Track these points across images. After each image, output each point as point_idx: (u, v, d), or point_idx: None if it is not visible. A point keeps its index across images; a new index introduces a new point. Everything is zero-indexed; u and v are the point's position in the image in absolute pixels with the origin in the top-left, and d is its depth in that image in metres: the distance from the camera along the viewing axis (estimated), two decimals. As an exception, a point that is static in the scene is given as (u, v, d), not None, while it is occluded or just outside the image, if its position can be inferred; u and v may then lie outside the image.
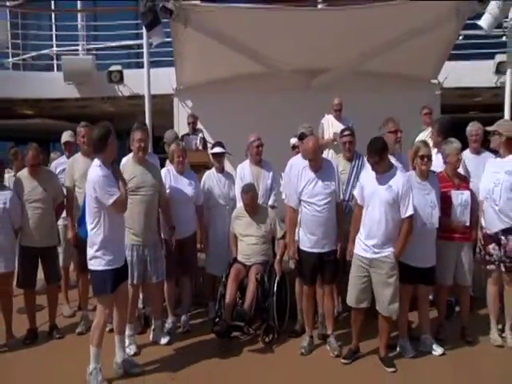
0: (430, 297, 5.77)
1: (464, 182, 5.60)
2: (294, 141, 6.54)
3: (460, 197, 5.40)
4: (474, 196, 5.55)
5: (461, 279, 5.55)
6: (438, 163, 5.61)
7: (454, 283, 5.58)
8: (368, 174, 5.16)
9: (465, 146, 5.98)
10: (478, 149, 6.26)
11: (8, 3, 14.38)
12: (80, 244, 5.75)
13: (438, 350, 5.32)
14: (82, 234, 4.96)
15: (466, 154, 6.04)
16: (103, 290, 4.71)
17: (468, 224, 5.36)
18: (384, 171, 5.00)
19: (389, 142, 5.31)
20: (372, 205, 4.99)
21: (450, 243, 5.45)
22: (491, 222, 5.55)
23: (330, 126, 7.46)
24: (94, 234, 4.70)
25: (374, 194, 4.97)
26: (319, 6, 10.14)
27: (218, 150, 6.41)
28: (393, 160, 5.31)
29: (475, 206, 5.52)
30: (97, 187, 4.59)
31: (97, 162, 4.72)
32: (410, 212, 4.91)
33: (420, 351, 5.32)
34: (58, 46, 12.67)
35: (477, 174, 5.85)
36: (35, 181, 5.77)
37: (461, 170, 5.74)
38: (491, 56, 10.65)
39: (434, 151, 5.89)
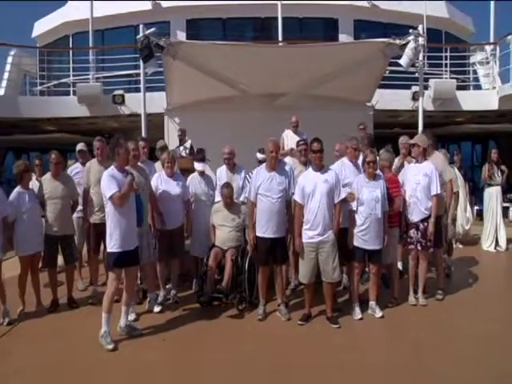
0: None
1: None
2: (260, 156, 6.35)
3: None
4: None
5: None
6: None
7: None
8: (306, 176, 5.14)
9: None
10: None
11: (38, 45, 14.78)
12: (93, 231, 5.79)
13: (379, 313, 5.25)
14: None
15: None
16: (110, 266, 4.73)
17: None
18: (321, 168, 5.04)
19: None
20: (314, 198, 4.93)
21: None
22: (413, 213, 5.60)
23: (289, 139, 7.28)
24: (107, 223, 4.68)
25: (315, 188, 4.93)
26: (280, 44, 10.04)
27: (199, 167, 6.15)
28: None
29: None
30: (102, 183, 4.65)
31: (111, 166, 4.74)
32: (341, 197, 5.01)
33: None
34: (73, 75, 12.39)
35: None
36: (56, 182, 5.65)
37: None
38: (409, 87, 10.79)
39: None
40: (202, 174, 6.17)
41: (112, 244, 4.62)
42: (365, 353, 4.48)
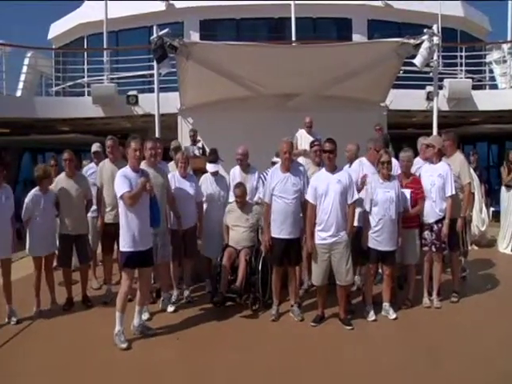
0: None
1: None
2: (275, 159, 6.34)
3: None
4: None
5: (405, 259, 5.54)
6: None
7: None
8: (318, 177, 5.09)
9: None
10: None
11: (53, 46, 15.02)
12: (106, 231, 5.81)
13: (392, 315, 5.21)
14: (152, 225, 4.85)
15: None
16: (122, 265, 4.74)
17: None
18: (333, 169, 4.98)
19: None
20: (327, 198, 4.88)
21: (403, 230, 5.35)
22: (428, 215, 5.54)
23: (303, 139, 7.28)
24: (120, 222, 4.68)
25: (328, 189, 4.88)
26: (293, 45, 10.03)
27: (212, 169, 6.16)
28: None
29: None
30: (115, 182, 4.66)
31: (126, 165, 4.79)
32: (355, 198, 4.94)
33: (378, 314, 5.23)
34: (88, 76, 12.52)
35: None
36: (71, 181, 5.68)
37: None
38: (423, 87, 10.73)
39: None
40: (214, 174, 6.18)
41: (124, 243, 4.64)
42: (378, 355, 4.45)
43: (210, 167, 6.18)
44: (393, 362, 4.30)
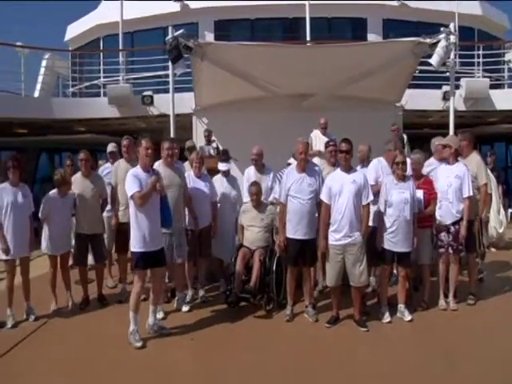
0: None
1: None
2: (291, 161, 6.34)
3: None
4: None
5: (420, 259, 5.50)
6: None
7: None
8: (333, 176, 5.06)
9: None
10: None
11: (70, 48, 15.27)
12: (120, 230, 5.83)
13: (408, 317, 5.16)
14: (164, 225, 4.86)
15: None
16: (134, 266, 4.71)
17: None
18: (349, 169, 4.95)
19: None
20: (341, 198, 4.85)
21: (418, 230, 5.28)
22: (445, 216, 5.47)
23: (317, 140, 7.25)
24: (131, 222, 4.67)
25: (342, 188, 4.85)
26: (308, 45, 10.01)
27: (223, 168, 6.19)
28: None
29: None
30: (126, 181, 4.66)
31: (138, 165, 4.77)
32: (370, 198, 4.90)
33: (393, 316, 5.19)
34: (104, 77, 12.61)
35: None
36: (86, 181, 5.74)
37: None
38: (439, 86, 10.65)
39: None
40: (225, 174, 6.20)
41: (134, 244, 4.63)
42: (393, 357, 4.40)
43: (221, 166, 6.20)
44: (408, 364, 4.26)
